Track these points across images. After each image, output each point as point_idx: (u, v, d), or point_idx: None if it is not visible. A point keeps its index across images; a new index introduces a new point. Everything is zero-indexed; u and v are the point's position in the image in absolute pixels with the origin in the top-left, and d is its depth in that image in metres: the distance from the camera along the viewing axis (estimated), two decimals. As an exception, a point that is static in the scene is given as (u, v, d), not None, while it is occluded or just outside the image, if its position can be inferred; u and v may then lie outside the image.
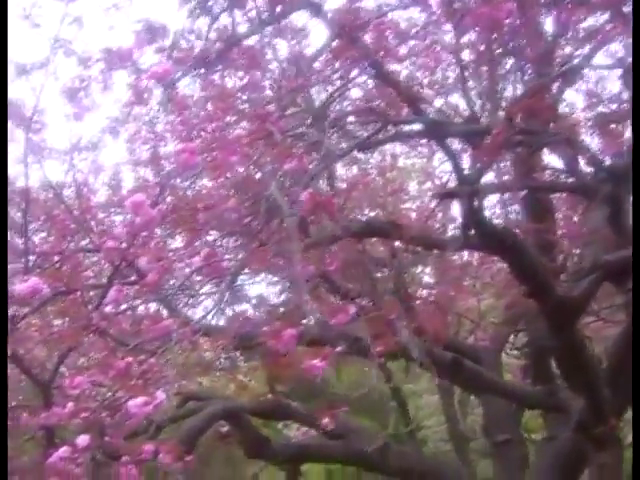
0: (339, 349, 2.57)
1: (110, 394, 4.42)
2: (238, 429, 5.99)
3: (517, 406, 7.31)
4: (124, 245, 4.39)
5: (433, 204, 8.83)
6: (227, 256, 4.32)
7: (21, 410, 5.10)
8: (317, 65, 4.30)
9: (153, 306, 6.91)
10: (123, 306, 5.33)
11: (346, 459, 6.85)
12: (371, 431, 7.76)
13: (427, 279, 9.91)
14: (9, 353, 5.05)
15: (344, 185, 7.77)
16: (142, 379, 3.52)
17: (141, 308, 6.21)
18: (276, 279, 7.02)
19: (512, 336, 8.49)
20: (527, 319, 6.77)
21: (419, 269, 9.33)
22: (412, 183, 9.81)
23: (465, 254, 8.43)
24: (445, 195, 4.73)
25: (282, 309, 6.21)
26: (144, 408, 2.90)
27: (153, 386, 3.31)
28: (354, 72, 4.52)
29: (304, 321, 3.20)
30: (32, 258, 5.39)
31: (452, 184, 7.92)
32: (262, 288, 8.38)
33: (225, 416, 5.96)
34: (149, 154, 5.76)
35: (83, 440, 3.36)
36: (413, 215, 8.77)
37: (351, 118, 4.02)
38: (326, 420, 3.52)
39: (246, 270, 4.33)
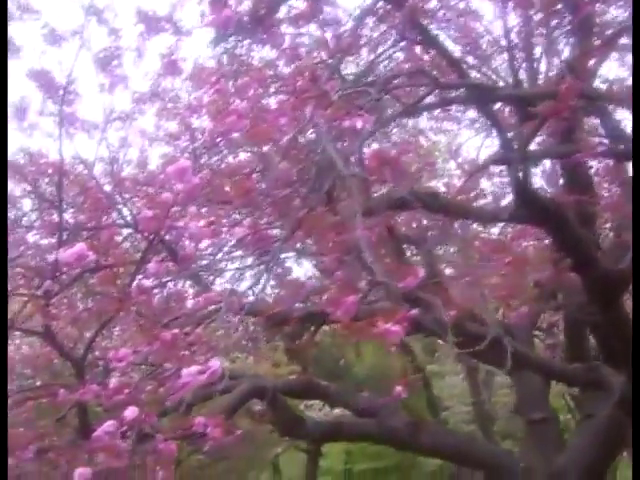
0: (413, 312, 2.44)
1: (153, 368, 4.35)
2: (272, 408, 5.90)
3: (546, 384, 7.20)
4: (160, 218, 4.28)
5: (460, 181, 8.72)
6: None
7: (56, 387, 5.04)
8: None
9: (180, 287, 6.84)
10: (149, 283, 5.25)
11: (378, 437, 6.76)
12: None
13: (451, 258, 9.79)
14: (41, 330, 5.00)
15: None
16: (189, 350, 3.42)
17: (171, 287, 6.14)
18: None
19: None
20: (564, 295, 6.63)
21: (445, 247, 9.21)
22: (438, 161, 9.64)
23: (495, 231, 8.33)
24: (494, 162, 4.59)
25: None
26: (199, 377, 2.79)
27: (202, 357, 3.22)
28: (394, 36, 4.38)
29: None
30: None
31: (481, 160, 7.79)
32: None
33: (258, 395, 5.88)
34: (181, 127, 5.64)
35: (132, 412, 3.27)
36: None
37: (398, 82, 3.86)
38: (399, 389, 3.39)
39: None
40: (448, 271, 8.30)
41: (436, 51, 4.03)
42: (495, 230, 8.55)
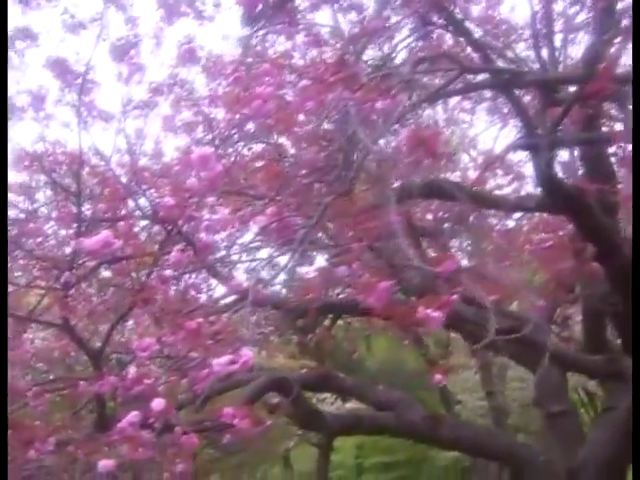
0: (454, 297, 2.37)
1: (172, 360, 4.30)
2: (290, 401, 5.84)
3: (564, 377, 7.11)
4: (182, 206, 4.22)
5: (475, 173, 8.65)
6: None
7: (74, 380, 5.00)
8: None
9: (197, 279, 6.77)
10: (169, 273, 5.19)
11: (396, 430, 6.70)
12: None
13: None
14: (59, 322, 4.94)
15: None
16: (213, 340, 3.37)
17: (191, 278, 6.08)
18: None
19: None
20: (583, 285, 6.53)
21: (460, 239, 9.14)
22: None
23: (511, 223, 8.24)
24: (519, 147, 4.50)
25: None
26: (230, 366, 2.73)
27: (229, 347, 3.16)
28: (413, 23, 4.30)
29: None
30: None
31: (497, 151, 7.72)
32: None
33: (276, 387, 5.83)
34: (198, 117, 5.58)
35: (159, 404, 3.22)
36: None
37: (423, 67, 3.79)
38: (439, 376, 3.34)
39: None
40: (464, 262, 8.24)
41: (461, 36, 3.95)
42: (510, 222, 8.47)
